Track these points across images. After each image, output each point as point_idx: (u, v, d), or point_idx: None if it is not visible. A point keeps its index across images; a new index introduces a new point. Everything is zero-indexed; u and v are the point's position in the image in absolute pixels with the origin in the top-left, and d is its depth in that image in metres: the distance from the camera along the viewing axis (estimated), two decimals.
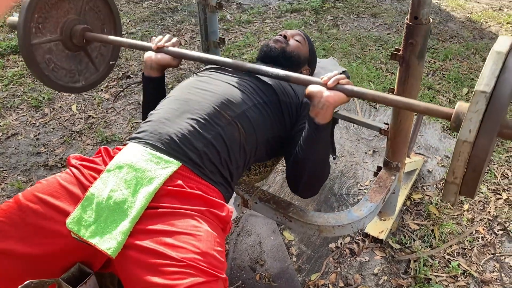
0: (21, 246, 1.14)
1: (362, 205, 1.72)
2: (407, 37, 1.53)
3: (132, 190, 1.18)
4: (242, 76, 1.54)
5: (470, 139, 0.98)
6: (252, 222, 2.03)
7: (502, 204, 2.15)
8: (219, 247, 1.16)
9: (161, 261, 1.07)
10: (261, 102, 1.47)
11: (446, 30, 3.67)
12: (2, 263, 1.14)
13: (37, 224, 1.16)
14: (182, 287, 1.03)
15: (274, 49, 1.71)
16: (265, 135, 1.48)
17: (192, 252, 1.09)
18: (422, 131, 2.57)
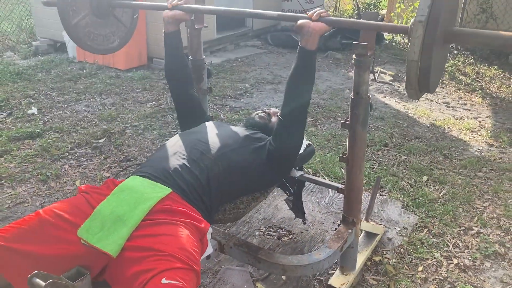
0: (36, 248, 1.44)
1: (321, 250, 2.02)
2: (352, 109, 1.95)
3: (131, 207, 1.51)
4: (225, 129, 1.96)
5: (415, 58, 1.43)
6: (228, 274, 2.28)
7: (453, 267, 2.41)
8: (196, 249, 1.46)
9: (147, 253, 1.37)
10: (236, 147, 1.86)
11: (412, 132, 4.17)
12: (18, 260, 1.42)
13: (51, 232, 1.47)
14: (161, 269, 1.31)
15: (258, 123, 2.14)
16: (240, 174, 1.84)
17: (173, 247, 1.39)
18: (385, 207, 2.90)
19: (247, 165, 1.89)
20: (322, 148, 3.73)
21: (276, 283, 2.27)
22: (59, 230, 1.48)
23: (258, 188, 2.05)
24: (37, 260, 1.42)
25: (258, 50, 7.13)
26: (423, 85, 1.59)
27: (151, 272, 1.31)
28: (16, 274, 1.42)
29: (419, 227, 2.73)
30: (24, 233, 1.45)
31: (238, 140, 1.93)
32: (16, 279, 1.41)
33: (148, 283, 1.29)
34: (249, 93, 5.15)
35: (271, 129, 2.10)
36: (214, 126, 2.03)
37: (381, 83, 5.60)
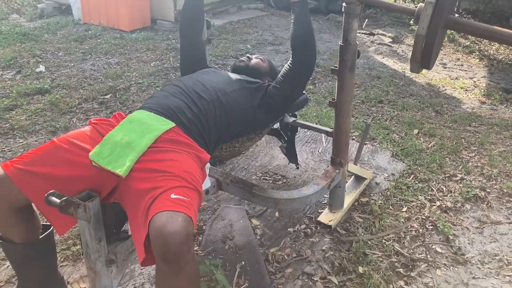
0: (52, 170, 1.62)
1: (310, 186, 2.20)
2: (340, 55, 2.10)
3: (139, 135, 1.67)
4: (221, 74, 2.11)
5: (423, 33, 1.60)
6: (226, 211, 2.48)
7: (435, 209, 2.60)
8: (199, 174, 1.64)
9: (155, 174, 1.55)
10: (230, 90, 2.02)
11: (407, 91, 4.30)
12: (36, 181, 1.60)
13: (65, 156, 1.65)
14: (169, 186, 1.49)
15: (240, 66, 2.30)
16: (235, 115, 1.99)
17: (179, 170, 1.56)
18: (374, 156, 3.08)
19: (241, 107, 2.05)
20: (319, 105, 3.88)
21: (270, 220, 2.47)
22: (72, 155, 1.65)
23: (253, 129, 2.21)
24: (53, 181, 1.60)
25: (261, 12, 7.19)
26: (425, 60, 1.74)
27: (160, 189, 1.48)
28: (35, 193, 1.60)
29: (406, 174, 2.91)
30: (41, 157, 1.63)
31: (232, 85, 2.09)
32: (35, 197, 1.60)
33: (157, 198, 1.45)
34: (250, 54, 5.25)
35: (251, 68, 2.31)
36: (212, 72, 2.19)
37: (380, 45, 5.70)
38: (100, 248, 1.67)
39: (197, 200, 1.56)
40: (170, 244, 1.29)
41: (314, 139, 3.28)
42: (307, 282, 2.07)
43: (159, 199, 1.44)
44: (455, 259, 2.25)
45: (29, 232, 1.73)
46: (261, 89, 2.15)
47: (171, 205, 1.39)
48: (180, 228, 1.31)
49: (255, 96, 2.11)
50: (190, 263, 1.38)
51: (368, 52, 5.45)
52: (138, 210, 1.50)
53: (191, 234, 1.35)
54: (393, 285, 2.07)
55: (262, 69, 2.34)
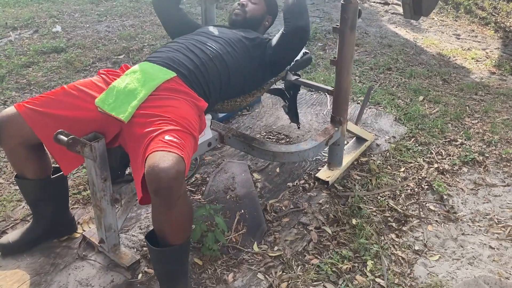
0: (61, 112, 1.74)
1: (308, 141, 2.29)
2: (342, 13, 2.15)
3: (141, 83, 1.78)
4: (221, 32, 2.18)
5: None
6: (229, 165, 2.59)
7: (432, 170, 2.67)
8: (194, 121, 1.74)
9: (153, 119, 1.65)
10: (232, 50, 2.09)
11: (417, 59, 4.31)
12: (46, 121, 1.72)
13: (74, 101, 1.76)
14: (164, 129, 1.60)
15: (237, 20, 2.35)
16: (235, 73, 2.07)
17: (176, 115, 1.66)
18: (378, 119, 3.14)
19: (242, 66, 2.12)
20: (327, 70, 3.93)
21: (271, 175, 2.57)
22: (80, 100, 1.77)
23: (254, 86, 2.29)
24: (61, 122, 1.72)
25: None
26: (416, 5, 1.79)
27: (155, 132, 1.59)
28: (44, 132, 1.72)
29: (407, 137, 2.97)
30: (51, 100, 1.74)
31: (232, 44, 2.13)
32: (44, 136, 1.72)
33: (153, 139, 1.57)
34: None
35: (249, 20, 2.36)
36: (211, 32, 2.23)
37: (394, 14, 5.66)
38: (106, 187, 1.80)
39: (191, 144, 1.66)
40: (162, 180, 1.41)
41: (319, 102, 3.36)
42: (302, 231, 2.18)
43: (154, 140, 1.55)
44: (447, 216, 2.34)
45: (41, 169, 1.87)
46: (261, 46, 2.21)
47: (164, 146, 1.50)
48: (171, 165, 1.42)
49: (255, 54, 2.18)
50: (181, 200, 1.50)
51: (381, 21, 5.44)
52: (138, 152, 1.61)
53: (181, 171, 1.45)
54: (384, 237, 2.17)
55: (259, 15, 2.38)
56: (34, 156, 1.81)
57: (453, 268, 2.02)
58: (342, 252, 2.05)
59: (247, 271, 1.94)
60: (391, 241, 2.16)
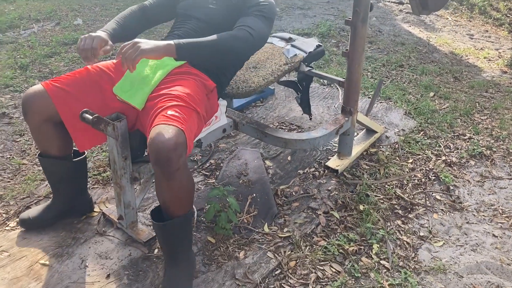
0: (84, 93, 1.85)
1: (318, 130, 2.38)
2: (354, 6, 2.24)
3: (153, 70, 1.88)
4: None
5: None
6: (242, 152, 2.68)
7: (440, 162, 2.74)
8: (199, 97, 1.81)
9: (160, 98, 1.75)
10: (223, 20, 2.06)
11: (429, 57, 4.37)
12: (69, 99, 1.83)
13: (97, 82, 1.88)
14: (168, 105, 1.69)
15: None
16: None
17: (181, 92, 1.76)
18: (388, 113, 3.22)
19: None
20: (340, 65, 4.00)
21: (282, 162, 2.67)
22: (102, 81, 1.88)
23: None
24: (84, 102, 1.83)
25: None
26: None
27: (160, 108, 1.69)
28: (66, 110, 1.83)
29: (416, 130, 3.04)
30: (76, 80, 1.86)
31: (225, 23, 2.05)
32: (65, 114, 1.83)
33: (157, 116, 1.66)
34: (278, 17, 5.38)
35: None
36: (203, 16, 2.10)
37: (408, 14, 5.72)
38: (126, 166, 1.91)
39: (194, 119, 1.75)
40: (160, 151, 1.51)
41: (331, 95, 3.44)
42: (310, 215, 2.27)
43: (158, 116, 1.65)
44: (453, 206, 2.41)
45: (63, 146, 1.98)
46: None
47: (165, 120, 1.60)
48: (170, 137, 1.52)
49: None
50: (181, 170, 1.59)
51: (395, 20, 5.50)
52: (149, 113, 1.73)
53: (180, 143, 1.55)
54: (390, 223, 2.25)
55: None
56: (57, 134, 1.92)
57: (456, 253, 2.10)
58: (349, 235, 2.13)
59: (257, 250, 2.04)
60: (397, 227, 2.24)
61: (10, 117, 3.05)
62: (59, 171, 2.03)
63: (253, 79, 2.35)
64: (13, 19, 4.70)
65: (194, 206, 2.28)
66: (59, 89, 1.83)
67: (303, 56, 2.57)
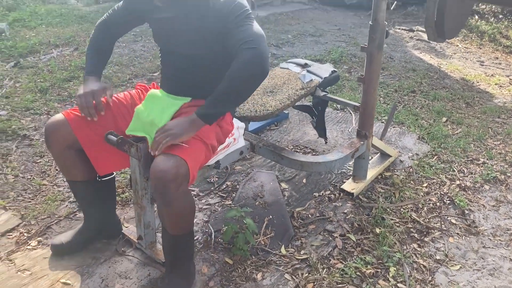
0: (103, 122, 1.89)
1: (334, 153, 2.42)
2: (370, 33, 2.30)
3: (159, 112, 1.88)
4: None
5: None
6: (258, 174, 2.72)
7: (454, 187, 2.76)
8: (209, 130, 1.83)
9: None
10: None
11: (440, 83, 4.42)
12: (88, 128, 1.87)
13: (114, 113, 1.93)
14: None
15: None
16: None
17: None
18: (401, 137, 3.25)
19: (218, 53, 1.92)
20: (352, 90, 4.07)
21: (298, 185, 2.70)
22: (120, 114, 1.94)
23: None
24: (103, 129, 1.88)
25: (304, 6, 7.40)
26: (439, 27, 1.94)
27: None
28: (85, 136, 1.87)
29: (430, 155, 3.07)
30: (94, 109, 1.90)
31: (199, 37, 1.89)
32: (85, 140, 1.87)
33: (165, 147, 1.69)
34: (290, 43, 5.49)
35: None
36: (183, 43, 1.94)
37: (418, 41, 5.80)
38: (147, 186, 1.95)
39: (201, 149, 1.78)
40: (160, 180, 1.59)
41: (345, 119, 3.49)
42: (327, 237, 2.29)
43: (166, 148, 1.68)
44: (468, 230, 2.41)
45: (87, 171, 2.01)
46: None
47: (168, 149, 1.66)
48: (169, 168, 1.59)
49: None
50: (179, 199, 1.66)
51: (406, 47, 5.58)
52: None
53: (181, 173, 1.61)
54: (406, 246, 2.26)
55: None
56: (80, 160, 1.95)
57: (473, 278, 2.10)
58: (365, 258, 2.15)
59: (275, 271, 2.06)
60: (413, 250, 2.24)
61: (31, 139, 3.12)
62: (88, 194, 2.06)
63: (270, 103, 2.41)
64: (33, 45, 4.84)
65: (211, 226, 2.32)
66: (79, 118, 1.87)
67: (318, 81, 2.63)
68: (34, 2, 6.83)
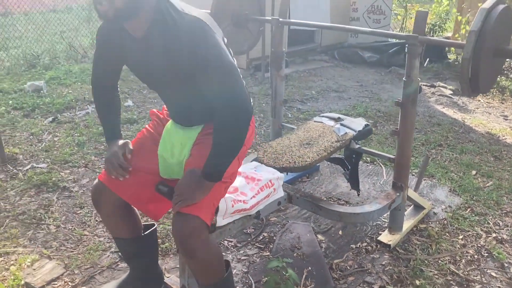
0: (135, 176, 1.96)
1: (372, 204, 2.46)
2: (404, 89, 2.40)
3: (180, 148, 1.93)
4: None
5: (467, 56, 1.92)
6: (294, 226, 2.75)
7: (491, 239, 2.75)
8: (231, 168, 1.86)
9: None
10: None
11: (466, 137, 4.47)
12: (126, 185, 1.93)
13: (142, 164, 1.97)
14: None
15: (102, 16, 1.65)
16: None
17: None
18: (433, 190, 3.28)
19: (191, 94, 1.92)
20: (380, 144, 4.14)
21: (334, 236, 2.72)
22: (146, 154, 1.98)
23: None
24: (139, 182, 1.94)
25: (325, 64, 7.63)
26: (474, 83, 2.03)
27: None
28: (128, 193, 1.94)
29: (463, 207, 3.08)
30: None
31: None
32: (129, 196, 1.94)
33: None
34: (314, 99, 5.64)
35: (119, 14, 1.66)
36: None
37: (441, 96, 5.91)
38: None
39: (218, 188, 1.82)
40: (179, 238, 1.73)
41: (376, 172, 3.54)
42: None
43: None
44: (510, 283, 2.39)
45: (133, 229, 2.09)
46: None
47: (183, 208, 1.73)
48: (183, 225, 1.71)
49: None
50: (201, 249, 1.74)
51: (428, 102, 5.68)
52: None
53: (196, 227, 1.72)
54: None
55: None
56: (126, 219, 2.05)
57: None
58: None
59: None
60: None
61: (70, 190, 3.23)
62: (132, 249, 2.13)
63: (308, 155, 2.49)
64: (69, 101, 5.06)
65: (251, 277, 2.34)
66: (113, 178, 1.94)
67: (352, 134, 2.71)
68: (68, 61, 7.17)
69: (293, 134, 2.81)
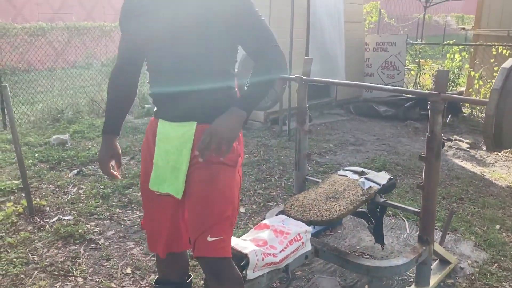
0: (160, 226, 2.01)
1: (399, 258, 2.47)
2: (427, 144, 2.46)
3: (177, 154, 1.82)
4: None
5: (491, 112, 1.99)
6: (319, 280, 2.75)
7: None
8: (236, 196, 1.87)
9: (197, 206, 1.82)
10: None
11: (487, 191, 4.47)
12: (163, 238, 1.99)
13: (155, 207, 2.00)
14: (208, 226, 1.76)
15: None
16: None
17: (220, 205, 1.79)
18: (458, 244, 3.26)
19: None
20: (401, 197, 4.16)
21: None
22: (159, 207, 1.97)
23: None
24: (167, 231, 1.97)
25: (341, 117, 7.76)
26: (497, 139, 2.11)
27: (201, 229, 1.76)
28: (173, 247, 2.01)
29: (489, 262, 3.05)
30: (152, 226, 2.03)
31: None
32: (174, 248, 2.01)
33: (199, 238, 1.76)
34: (333, 152, 5.72)
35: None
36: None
37: (458, 150, 5.95)
38: None
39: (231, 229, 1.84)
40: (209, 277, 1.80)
41: (398, 226, 3.54)
42: None
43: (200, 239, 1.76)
44: None
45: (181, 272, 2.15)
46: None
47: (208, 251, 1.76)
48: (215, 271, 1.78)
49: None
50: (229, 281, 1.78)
51: (446, 156, 5.71)
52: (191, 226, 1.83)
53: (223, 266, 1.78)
54: None
55: None
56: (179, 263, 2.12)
57: None
58: None
59: None
60: None
61: (96, 242, 3.27)
62: None
63: (335, 208, 2.52)
64: (93, 154, 5.19)
65: None
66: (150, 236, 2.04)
67: (377, 188, 2.76)
68: (91, 115, 7.39)
69: (318, 187, 2.86)
